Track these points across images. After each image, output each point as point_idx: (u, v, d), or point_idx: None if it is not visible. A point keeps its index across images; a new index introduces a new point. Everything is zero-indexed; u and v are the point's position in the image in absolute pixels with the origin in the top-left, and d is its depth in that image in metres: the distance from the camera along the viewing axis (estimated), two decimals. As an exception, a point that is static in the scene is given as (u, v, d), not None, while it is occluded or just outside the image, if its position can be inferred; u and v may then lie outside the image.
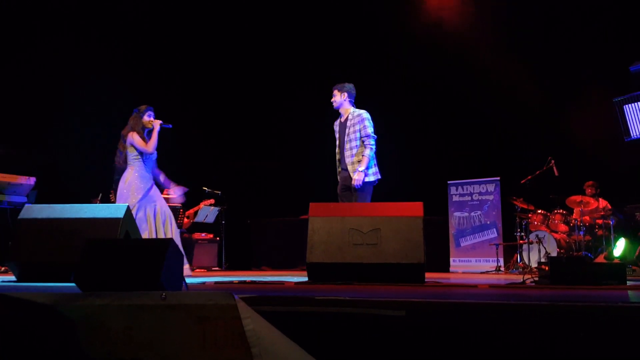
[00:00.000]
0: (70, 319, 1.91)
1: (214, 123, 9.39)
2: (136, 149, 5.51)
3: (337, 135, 5.57)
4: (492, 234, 8.51)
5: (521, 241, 7.52)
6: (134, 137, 5.51)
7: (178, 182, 8.51)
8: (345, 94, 5.50)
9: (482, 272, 7.73)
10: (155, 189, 5.64)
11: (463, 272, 8.01)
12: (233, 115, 9.53)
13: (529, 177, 7.44)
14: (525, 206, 7.69)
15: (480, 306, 2.26)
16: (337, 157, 5.54)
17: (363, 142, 5.35)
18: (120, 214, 4.28)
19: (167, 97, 9.09)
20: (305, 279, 4.30)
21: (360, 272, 4.02)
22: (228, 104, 9.43)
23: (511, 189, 7.99)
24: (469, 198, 8.77)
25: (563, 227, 7.68)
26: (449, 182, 8.95)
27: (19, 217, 4.44)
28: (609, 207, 7.62)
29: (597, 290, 3.29)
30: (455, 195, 8.89)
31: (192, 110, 9.01)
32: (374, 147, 5.37)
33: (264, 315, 2.16)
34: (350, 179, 5.28)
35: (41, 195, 7.61)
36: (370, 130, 5.39)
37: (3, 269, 6.40)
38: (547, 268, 4.12)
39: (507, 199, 7.96)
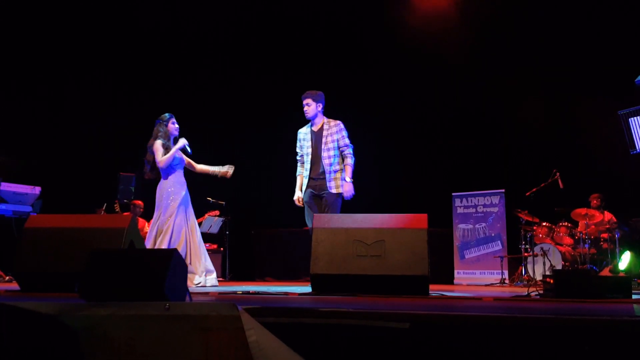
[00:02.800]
0: (73, 329, 1.91)
1: (217, 133, 9.41)
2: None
3: (305, 144, 5.52)
4: (497, 246, 8.47)
5: (526, 254, 7.48)
6: (155, 146, 5.44)
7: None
8: (320, 104, 5.51)
9: (486, 285, 7.69)
10: (188, 195, 5.59)
11: (467, 285, 7.97)
12: (237, 126, 9.55)
13: (534, 189, 7.40)
14: (530, 219, 7.66)
15: (484, 319, 2.25)
16: (305, 166, 5.50)
17: (342, 152, 5.41)
18: (124, 224, 4.28)
19: (172, 106, 9.14)
20: (309, 290, 4.28)
21: (364, 284, 4.00)
22: (231, 113, 9.45)
23: (516, 201, 7.97)
24: (474, 210, 8.74)
25: (568, 240, 7.65)
26: (453, 194, 8.93)
27: (24, 226, 4.45)
28: (615, 219, 7.58)
29: (602, 304, 3.27)
30: (460, 207, 8.87)
31: (198, 121, 9.04)
32: (353, 156, 5.45)
33: (267, 327, 2.15)
34: (324, 187, 5.32)
35: (46, 205, 7.63)
36: (348, 140, 5.46)
37: (7, 278, 6.41)
38: (552, 281, 4.10)
39: (512, 212, 7.93)
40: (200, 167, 5.84)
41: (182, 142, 5.53)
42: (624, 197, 7.76)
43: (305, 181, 5.45)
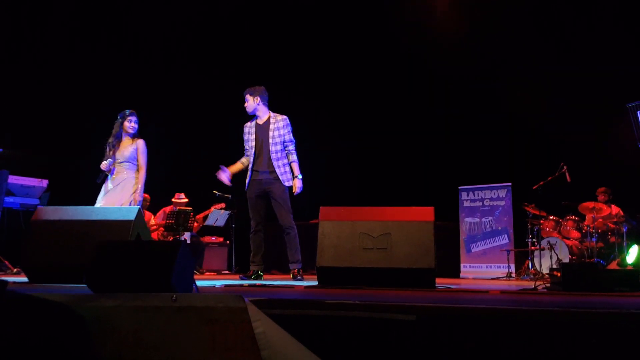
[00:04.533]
0: (82, 319, 1.92)
1: (224, 127, 9.41)
2: None
3: (250, 137, 5.62)
4: (504, 239, 8.45)
5: (533, 247, 7.46)
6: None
7: (190, 185, 8.53)
8: (258, 98, 5.60)
9: (492, 278, 7.68)
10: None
11: (473, 278, 7.96)
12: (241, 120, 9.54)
13: (541, 182, 7.37)
14: (537, 212, 7.63)
15: (491, 312, 2.24)
16: (248, 159, 5.61)
17: (286, 147, 5.53)
18: (131, 216, 4.30)
19: (179, 100, 9.16)
20: (315, 283, 4.29)
21: (370, 277, 4.00)
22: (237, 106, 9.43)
23: (523, 194, 7.93)
24: (480, 204, 8.72)
25: (575, 234, 7.62)
26: (459, 187, 8.90)
27: (31, 219, 4.47)
28: (622, 213, 7.55)
29: (609, 297, 3.26)
30: (466, 200, 8.84)
31: (203, 113, 9.05)
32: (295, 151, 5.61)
33: (273, 319, 2.15)
34: (271, 182, 5.44)
35: (53, 197, 7.66)
36: (292, 135, 5.61)
37: (16, 270, 6.45)
38: (559, 274, 4.08)
39: (519, 205, 7.90)
40: None
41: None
42: (632, 190, 7.71)
43: (249, 174, 5.56)
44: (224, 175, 5.64)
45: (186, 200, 8.25)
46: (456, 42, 8.59)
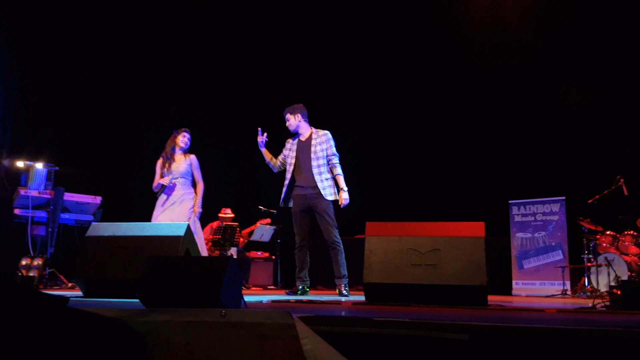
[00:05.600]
0: (136, 333, 1.95)
1: (271, 145, 9.50)
2: None
3: (292, 154, 5.70)
4: (558, 255, 8.16)
5: (589, 264, 7.18)
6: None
7: (235, 201, 8.65)
8: (299, 115, 5.69)
9: (547, 296, 7.41)
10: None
11: (527, 295, 7.71)
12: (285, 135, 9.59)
13: (597, 196, 7.10)
14: (592, 227, 7.35)
15: (548, 331, 2.15)
16: (289, 175, 5.66)
17: (329, 160, 5.56)
18: (181, 232, 4.38)
19: (224, 115, 9.32)
20: (362, 298, 4.24)
21: (419, 294, 3.92)
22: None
23: (577, 209, 7.66)
24: (532, 218, 8.47)
25: (634, 249, 7.28)
26: (510, 201, 8.68)
27: (85, 235, 4.61)
28: (683, 227, 7.18)
29: (675, 317, 3.08)
30: (518, 215, 8.61)
31: (248, 128, 9.16)
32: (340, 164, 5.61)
33: (321, 335, 2.13)
34: (315, 197, 5.45)
35: (106, 213, 7.89)
36: (335, 149, 5.64)
37: (70, 284, 6.65)
38: (619, 292, 3.91)
39: (574, 220, 7.63)
40: None
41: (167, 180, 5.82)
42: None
43: (286, 188, 5.67)
44: (260, 139, 5.76)
45: (232, 215, 8.36)
46: (509, 53, 8.44)
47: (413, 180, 9.32)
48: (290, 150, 5.75)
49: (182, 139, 5.85)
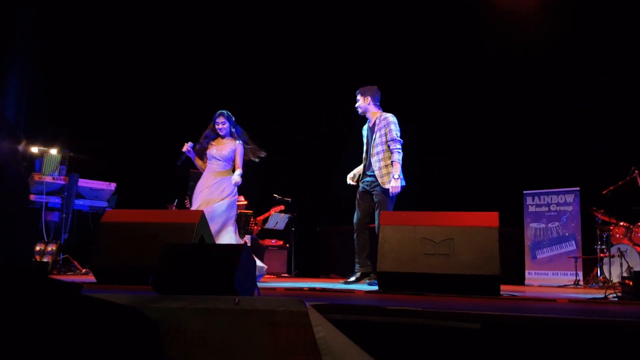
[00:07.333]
0: (150, 320, 1.98)
1: (286, 133, 9.50)
2: None
3: (364, 141, 5.54)
4: (571, 246, 8.12)
5: (602, 254, 7.14)
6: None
7: (251, 189, 8.67)
8: (369, 98, 5.42)
9: (559, 286, 7.39)
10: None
11: (539, 286, 7.69)
12: (304, 128, 9.59)
13: (611, 187, 7.03)
14: (606, 218, 7.29)
15: (560, 321, 2.15)
16: (364, 162, 5.49)
17: (389, 146, 5.26)
18: (195, 219, 4.40)
19: (239, 102, 9.32)
20: (375, 287, 4.25)
21: (432, 283, 3.93)
22: (304, 115, 9.46)
23: (592, 199, 7.60)
24: (546, 209, 8.42)
25: (648, 241, 7.22)
26: (524, 192, 8.62)
27: (100, 221, 4.65)
28: (698, 219, 7.10)
29: (689, 309, 3.06)
30: (532, 205, 8.56)
31: (268, 120, 9.17)
32: (401, 151, 5.26)
33: (334, 323, 2.15)
34: (375, 184, 5.26)
35: (121, 200, 7.94)
36: (395, 133, 5.27)
37: (84, 271, 6.71)
38: (631, 283, 3.88)
39: (587, 211, 7.57)
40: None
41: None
42: None
43: (361, 174, 5.51)
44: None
45: (245, 202, 8.39)
46: (525, 44, 8.34)
47: (427, 170, 9.28)
48: (364, 137, 5.61)
49: (216, 126, 5.71)
